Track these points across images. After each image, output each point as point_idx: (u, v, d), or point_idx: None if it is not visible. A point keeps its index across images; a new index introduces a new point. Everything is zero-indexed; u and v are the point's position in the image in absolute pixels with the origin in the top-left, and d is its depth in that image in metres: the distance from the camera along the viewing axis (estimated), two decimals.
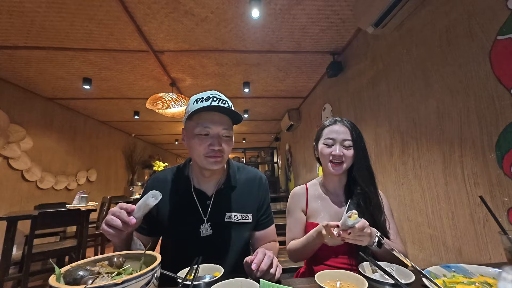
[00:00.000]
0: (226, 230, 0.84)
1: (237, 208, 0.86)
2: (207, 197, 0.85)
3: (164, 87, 3.38)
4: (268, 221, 0.95)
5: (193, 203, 0.84)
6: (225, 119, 0.80)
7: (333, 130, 0.93)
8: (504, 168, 1.06)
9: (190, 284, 0.56)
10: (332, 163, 0.91)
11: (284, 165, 6.18)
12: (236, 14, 2.00)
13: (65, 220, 2.31)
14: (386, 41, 1.90)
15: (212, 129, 0.77)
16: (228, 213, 0.85)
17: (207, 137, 0.77)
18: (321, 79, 3.30)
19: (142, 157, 6.98)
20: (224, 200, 0.86)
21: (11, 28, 2.08)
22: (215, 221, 0.83)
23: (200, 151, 0.78)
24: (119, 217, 0.59)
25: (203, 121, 0.77)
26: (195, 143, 0.78)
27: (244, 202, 0.88)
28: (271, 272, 0.65)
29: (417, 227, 1.60)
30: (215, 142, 0.77)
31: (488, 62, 1.12)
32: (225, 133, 0.79)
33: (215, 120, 0.78)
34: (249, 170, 0.97)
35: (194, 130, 0.78)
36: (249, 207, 0.88)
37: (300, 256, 0.92)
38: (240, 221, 0.85)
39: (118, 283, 0.41)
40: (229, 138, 0.81)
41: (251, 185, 0.92)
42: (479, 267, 0.62)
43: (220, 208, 0.85)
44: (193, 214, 0.83)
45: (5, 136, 3.07)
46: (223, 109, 0.77)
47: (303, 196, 1.00)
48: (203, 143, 0.77)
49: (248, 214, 0.87)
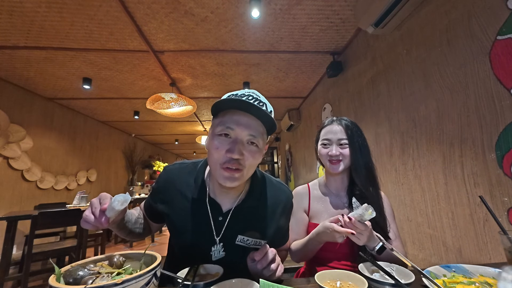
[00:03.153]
0: (236, 253, 0.72)
1: (252, 233, 0.73)
2: (221, 212, 0.72)
3: (164, 87, 3.38)
4: (282, 241, 0.85)
5: (205, 216, 0.71)
6: (256, 123, 0.64)
7: (329, 131, 0.94)
8: (504, 168, 1.06)
9: (190, 284, 0.56)
10: (330, 162, 0.93)
11: (284, 165, 6.18)
12: (236, 14, 2.00)
13: (65, 220, 2.31)
14: (386, 41, 1.90)
15: (235, 130, 0.62)
16: (241, 236, 0.72)
17: (227, 141, 0.63)
18: (321, 79, 3.30)
19: (142, 157, 6.98)
20: (241, 219, 0.72)
21: (11, 28, 2.08)
22: (227, 242, 0.71)
23: (216, 157, 0.63)
24: (94, 213, 0.55)
25: (227, 119, 0.63)
26: (212, 145, 0.64)
27: (262, 226, 0.74)
28: (272, 267, 0.64)
29: (417, 227, 1.60)
30: (234, 149, 0.61)
31: (488, 62, 1.12)
32: (251, 139, 0.63)
33: (241, 122, 0.62)
34: (277, 186, 0.81)
35: (215, 129, 0.65)
36: (265, 233, 0.75)
37: (302, 257, 0.92)
38: (252, 247, 0.72)
39: (118, 283, 0.41)
40: (256, 148, 0.65)
41: (275, 206, 0.77)
42: (479, 267, 0.62)
43: (234, 228, 0.72)
44: (204, 230, 0.71)
45: (5, 136, 3.07)
46: (255, 110, 0.62)
47: (306, 196, 1.00)
48: (221, 147, 0.62)
49: (262, 241, 0.74)
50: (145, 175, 7.64)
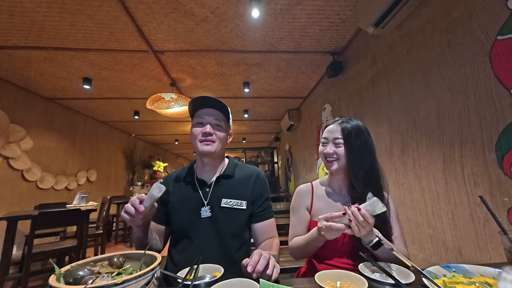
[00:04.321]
0: (222, 213, 0.94)
1: (232, 195, 0.96)
2: (207, 185, 0.98)
3: (164, 87, 3.38)
4: (265, 214, 1.01)
5: (195, 190, 0.97)
6: (216, 112, 0.96)
7: (327, 130, 0.96)
8: (504, 168, 1.06)
9: (190, 284, 0.56)
10: (326, 160, 0.95)
11: (284, 165, 6.17)
12: (236, 14, 2.00)
13: (65, 220, 2.31)
14: (386, 41, 1.90)
15: (205, 119, 0.94)
16: (224, 199, 0.95)
17: (202, 126, 0.94)
18: (321, 79, 3.30)
19: (142, 157, 6.98)
20: (222, 188, 0.98)
21: (11, 28, 2.08)
22: (213, 205, 0.94)
23: (196, 136, 0.93)
24: (133, 204, 0.70)
25: (199, 113, 0.96)
26: (193, 132, 0.95)
27: (239, 191, 0.98)
28: (267, 273, 0.65)
29: (417, 227, 1.60)
30: (206, 128, 0.92)
31: (488, 62, 1.12)
32: (216, 122, 0.95)
33: (208, 113, 0.95)
34: (249, 167, 1.07)
35: (193, 122, 0.97)
36: (244, 196, 0.98)
37: (302, 254, 0.92)
38: (235, 207, 0.95)
39: (118, 283, 0.41)
40: (220, 127, 0.96)
41: (247, 178, 1.02)
42: (479, 267, 0.62)
43: (218, 194, 0.96)
44: (195, 199, 0.96)
45: (5, 136, 3.07)
46: (212, 101, 0.93)
47: (308, 194, 1.00)
48: (198, 130, 0.93)
49: (242, 202, 0.96)
50: (145, 175, 7.63)
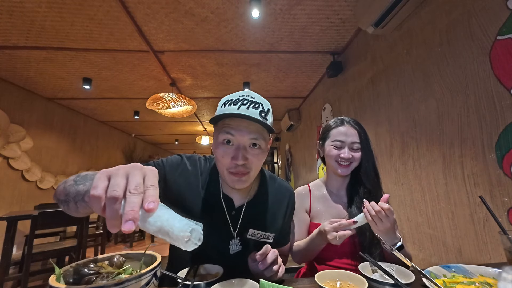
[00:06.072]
0: (249, 246, 0.75)
1: (261, 226, 0.76)
2: (233, 208, 0.75)
3: (164, 87, 3.38)
4: (285, 240, 0.87)
5: (221, 211, 0.74)
6: (255, 126, 0.65)
7: (342, 132, 0.92)
8: (504, 168, 1.06)
9: (190, 284, 0.56)
10: (339, 164, 0.91)
11: (284, 165, 6.17)
12: (236, 14, 2.00)
13: (65, 220, 2.30)
14: (386, 41, 1.90)
15: (235, 137, 0.64)
16: (252, 229, 0.75)
17: (231, 147, 0.66)
18: (321, 79, 3.30)
19: (142, 157, 6.98)
20: (251, 214, 0.76)
21: (11, 28, 2.08)
22: (242, 236, 0.75)
23: (223, 164, 0.66)
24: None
25: (226, 126, 0.65)
26: (218, 153, 0.67)
27: (271, 220, 0.79)
28: (274, 269, 0.64)
29: (417, 227, 1.60)
30: (238, 156, 0.63)
31: (488, 62, 1.12)
32: (252, 142, 0.66)
33: (241, 127, 0.64)
34: (281, 183, 0.87)
35: (218, 137, 0.67)
36: (272, 227, 0.79)
37: (303, 258, 0.92)
38: (262, 240, 0.76)
39: (118, 283, 0.41)
40: (259, 150, 0.67)
41: (279, 203, 0.82)
42: (479, 267, 0.62)
43: (246, 222, 0.75)
44: (221, 225, 0.73)
45: (5, 136, 3.07)
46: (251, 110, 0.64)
47: (306, 197, 1.00)
48: (226, 154, 0.65)
49: (270, 234, 0.78)
50: None
